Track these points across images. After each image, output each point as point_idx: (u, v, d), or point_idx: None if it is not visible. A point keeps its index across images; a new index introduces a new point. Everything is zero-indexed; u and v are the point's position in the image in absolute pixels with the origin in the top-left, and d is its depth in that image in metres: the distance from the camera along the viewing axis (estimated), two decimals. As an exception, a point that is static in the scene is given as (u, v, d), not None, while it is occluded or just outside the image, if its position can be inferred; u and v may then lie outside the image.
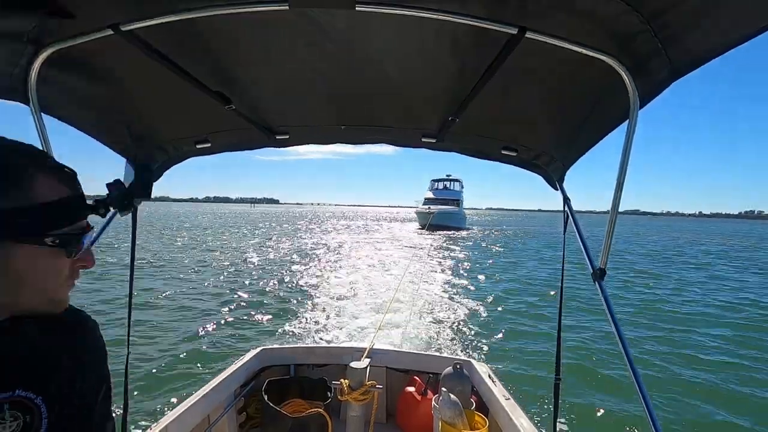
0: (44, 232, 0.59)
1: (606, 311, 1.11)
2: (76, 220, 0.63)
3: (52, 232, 0.59)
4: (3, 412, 0.54)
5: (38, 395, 0.58)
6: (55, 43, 0.95)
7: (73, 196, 0.62)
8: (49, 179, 0.60)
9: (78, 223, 0.64)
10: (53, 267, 0.62)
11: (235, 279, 11.40)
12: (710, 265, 19.02)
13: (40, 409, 0.58)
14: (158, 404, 4.24)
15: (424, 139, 1.65)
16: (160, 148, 1.60)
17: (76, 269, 0.66)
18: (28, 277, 0.59)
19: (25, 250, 0.58)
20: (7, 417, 0.54)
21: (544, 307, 9.05)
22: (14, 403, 0.55)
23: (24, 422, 0.56)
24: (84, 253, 0.66)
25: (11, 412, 0.55)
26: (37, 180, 0.58)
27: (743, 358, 6.26)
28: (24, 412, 0.56)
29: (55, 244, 0.60)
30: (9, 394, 0.55)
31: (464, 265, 15.20)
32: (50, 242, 0.59)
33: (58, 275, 0.63)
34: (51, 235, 0.59)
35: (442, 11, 0.85)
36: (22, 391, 0.56)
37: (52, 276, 0.62)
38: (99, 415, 0.71)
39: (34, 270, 0.60)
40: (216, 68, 1.20)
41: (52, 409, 0.59)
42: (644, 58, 0.89)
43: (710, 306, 10.05)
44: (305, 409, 2.22)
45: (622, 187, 1.07)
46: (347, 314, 7.69)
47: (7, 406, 0.54)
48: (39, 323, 0.62)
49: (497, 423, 2.04)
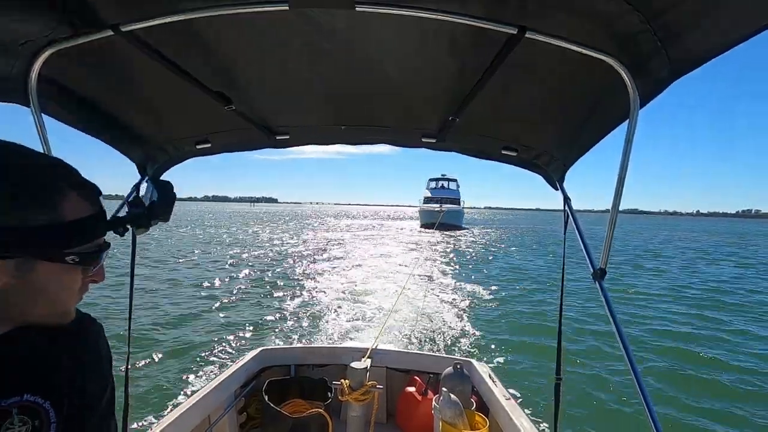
0: (66, 250, 0.59)
1: (606, 311, 1.11)
2: (96, 238, 0.64)
3: (74, 250, 0.60)
4: (12, 416, 0.54)
5: (46, 400, 0.58)
6: (55, 43, 0.95)
7: (95, 214, 0.63)
8: (76, 197, 0.60)
9: (97, 240, 0.64)
10: (69, 282, 0.63)
11: (234, 279, 11.41)
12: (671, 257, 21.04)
13: (49, 413, 0.58)
14: (159, 404, 4.24)
15: (424, 139, 1.65)
16: (160, 148, 1.61)
17: (87, 283, 0.67)
18: (43, 291, 0.60)
19: (44, 266, 0.59)
20: (16, 422, 0.54)
21: (545, 306, 9.05)
22: (23, 408, 0.55)
23: (33, 427, 0.56)
24: (97, 268, 0.67)
25: (20, 417, 0.55)
26: (65, 199, 0.59)
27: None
28: (33, 417, 0.56)
29: (76, 262, 0.60)
30: (18, 399, 0.55)
31: (464, 264, 15.20)
32: (71, 260, 0.60)
33: (71, 290, 0.64)
34: (72, 252, 0.60)
35: (442, 11, 0.85)
36: (30, 396, 0.56)
37: (66, 291, 0.63)
38: (101, 418, 0.71)
39: (50, 285, 0.60)
40: (216, 69, 1.20)
41: (59, 414, 0.59)
42: (644, 57, 0.89)
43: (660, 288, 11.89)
44: (306, 409, 2.22)
45: (623, 187, 1.07)
46: (350, 314, 7.69)
47: (16, 411, 0.54)
48: (45, 331, 0.62)
49: (497, 423, 2.04)
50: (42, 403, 0.57)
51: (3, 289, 0.57)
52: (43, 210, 0.57)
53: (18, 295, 0.58)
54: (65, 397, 0.61)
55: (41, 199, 0.57)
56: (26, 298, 0.59)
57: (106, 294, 8.34)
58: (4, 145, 0.58)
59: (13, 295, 0.58)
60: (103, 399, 0.71)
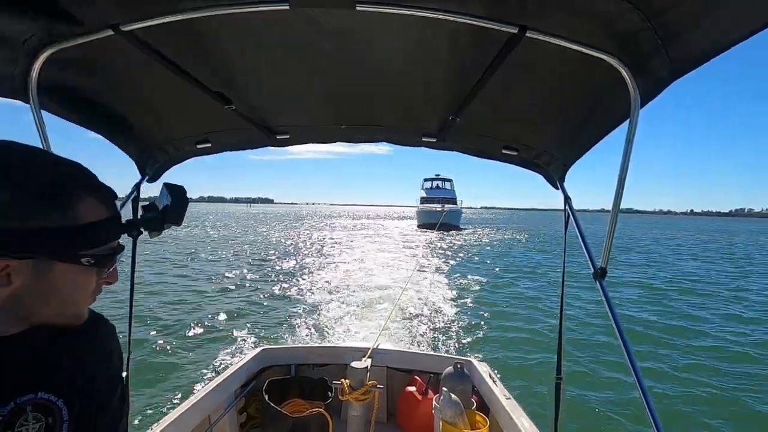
0: (82, 252, 0.60)
1: (607, 310, 1.12)
2: (110, 240, 0.65)
3: (89, 252, 0.61)
4: (26, 414, 0.54)
5: (59, 398, 0.59)
6: (55, 43, 0.95)
7: (110, 217, 0.64)
8: (92, 200, 0.61)
9: (111, 242, 0.65)
10: (84, 283, 0.64)
11: (234, 278, 11.41)
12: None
13: (62, 411, 0.58)
14: (159, 404, 4.24)
15: (424, 139, 1.65)
16: (160, 148, 1.61)
17: (100, 285, 0.68)
18: (58, 292, 0.61)
19: (60, 267, 0.59)
20: (30, 419, 0.54)
21: (545, 305, 9.05)
22: (37, 406, 0.56)
23: (46, 424, 0.56)
24: (111, 270, 0.68)
25: (34, 414, 0.55)
26: (82, 201, 0.60)
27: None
28: (46, 415, 0.57)
29: (91, 264, 0.61)
30: (32, 396, 0.56)
31: (464, 263, 15.19)
32: (86, 262, 0.61)
33: (85, 291, 0.65)
34: (88, 255, 0.61)
35: (443, 10, 0.85)
36: (44, 394, 0.57)
37: (80, 292, 0.64)
38: (113, 417, 0.72)
39: (64, 286, 0.61)
40: (216, 68, 1.20)
41: (71, 411, 0.60)
42: (645, 56, 0.89)
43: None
44: (306, 409, 2.22)
45: (623, 187, 1.07)
46: (350, 314, 7.69)
47: (30, 408, 0.55)
48: (58, 331, 0.63)
49: (498, 423, 2.04)
50: (55, 401, 0.58)
51: (20, 290, 0.57)
52: (61, 213, 0.58)
53: (33, 295, 0.59)
54: (77, 396, 0.62)
55: (60, 202, 0.58)
56: (41, 299, 0.60)
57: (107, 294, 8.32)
58: (26, 149, 0.59)
59: (29, 295, 0.59)
60: (114, 399, 0.72)
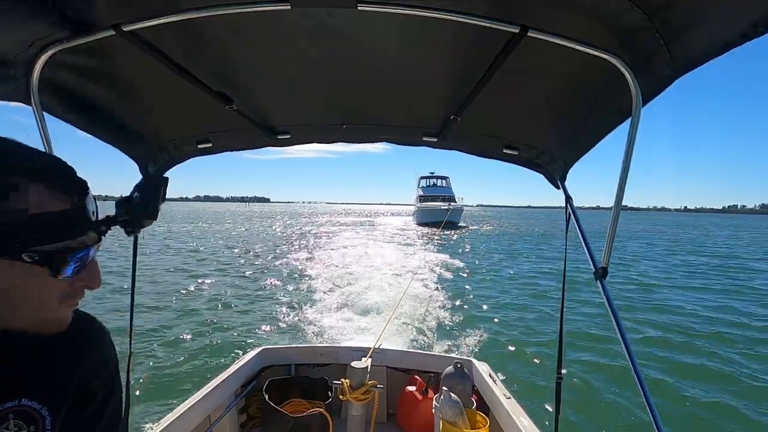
0: (24, 247, 0.51)
1: (608, 309, 1.11)
2: (69, 237, 0.55)
3: (34, 248, 0.52)
4: (7, 421, 0.53)
5: (43, 405, 0.57)
6: (57, 43, 0.95)
7: (66, 211, 0.54)
8: (40, 190, 0.52)
9: (76, 240, 0.56)
10: (36, 286, 0.55)
11: (235, 277, 11.41)
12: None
13: (45, 420, 0.57)
14: (159, 404, 4.24)
15: (425, 138, 1.64)
16: (161, 147, 1.60)
17: (78, 289, 0.60)
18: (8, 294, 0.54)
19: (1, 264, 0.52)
20: (12, 427, 0.53)
21: (546, 304, 9.05)
22: (19, 413, 0.54)
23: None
24: (88, 273, 0.60)
25: (15, 422, 0.54)
26: (22, 189, 0.51)
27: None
28: (28, 422, 0.55)
29: (35, 261, 0.52)
30: (14, 403, 0.54)
31: (464, 263, 15.18)
32: (27, 258, 0.52)
33: (44, 295, 0.56)
34: (31, 251, 0.52)
35: (444, 10, 0.85)
36: (27, 401, 0.55)
37: (36, 296, 0.56)
38: (109, 422, 0.70)
39: (14, 288, 0.54)
40: (218, 68, 1.19)
41: (56, 419, 0.58)
42: (646, 55, 0.89)
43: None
44: (306, 408, 2.23)
45: (625, 185, 1.07)
46: (350, 313, 7.68)
47: (12, 416, 0.54)
48: (39, 336, 0.59)
49: (498, 422, 2.04)
50: (39, 408, 0.56)
51: None
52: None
53: None
54: (63, 403, 0.60)
55: None
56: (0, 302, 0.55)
57: (106, 294, 8.34)
58: None
59: None
60: (109, 404, 0.70)
